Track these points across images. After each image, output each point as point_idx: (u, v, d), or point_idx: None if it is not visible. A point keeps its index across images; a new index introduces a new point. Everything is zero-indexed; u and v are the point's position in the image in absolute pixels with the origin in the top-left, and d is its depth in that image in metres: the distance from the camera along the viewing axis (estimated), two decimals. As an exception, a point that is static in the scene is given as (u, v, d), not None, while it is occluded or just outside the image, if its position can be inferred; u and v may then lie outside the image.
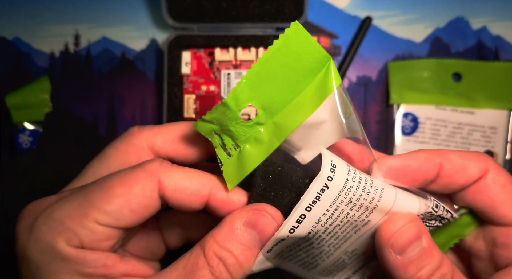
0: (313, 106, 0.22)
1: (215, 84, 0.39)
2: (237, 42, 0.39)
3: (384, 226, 0.22)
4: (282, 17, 0.39)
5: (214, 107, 0.21)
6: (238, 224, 0.22)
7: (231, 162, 0.22)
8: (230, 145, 0.22)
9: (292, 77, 0.21)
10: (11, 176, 0.41)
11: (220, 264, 0.21)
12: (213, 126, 0.22)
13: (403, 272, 0.21)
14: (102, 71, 0.42)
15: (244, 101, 0.21)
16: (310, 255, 0.24)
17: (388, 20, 0.42)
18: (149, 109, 0.42)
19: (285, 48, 0.21)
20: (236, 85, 0.21)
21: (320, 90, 0.22)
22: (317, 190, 0.21)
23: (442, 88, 0.40)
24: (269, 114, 0.22)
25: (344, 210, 0.22)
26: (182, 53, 0.39)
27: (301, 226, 0.22)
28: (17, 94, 0.40)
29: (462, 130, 0.40)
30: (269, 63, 0.21)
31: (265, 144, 0.22)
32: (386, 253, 0.22)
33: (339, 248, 0.24)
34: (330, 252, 0.24)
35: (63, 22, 0.43)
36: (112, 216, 0.21)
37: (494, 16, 0.42)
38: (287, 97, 0.22)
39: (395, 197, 0.22)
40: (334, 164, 0.21)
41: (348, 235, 0.23)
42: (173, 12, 0.39)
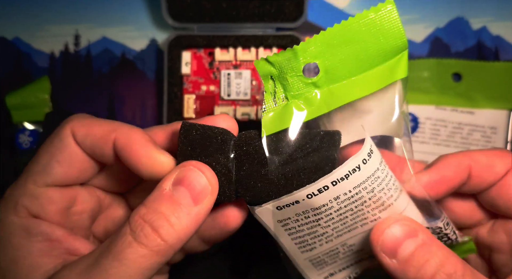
0: (374, 87, 0.22)
1: (215, 84, 0.39)
2: (237, 42, 0.39)
3: (374, 229, 0.21)
4: (282, 17, 0.39)
5: (282, 51, 0.21)
6: (167, 184, 0.21)
7: (274, 110, 0.22)
8: (280, 95, 0.22)
9: (366, 52, 0.21)
10: (11, 176, 0.41)
11: (146, 228, 0.20)
12: (273, 70, 0.21)
13: (403, 275, 0.20)
14: (102, 71, 0.42)
15: (312, 56, 0.21)
16: (312, 234, 0.23)
17: (388, 20, 0.42)
18: (149, 109, 0.42)
19: (372, 21, 0.21)
20: (311, 38, 0.21)
21: (387, 75, 0.22)
22: (349, 168, 0.21)
23: (442, 88, 0.41)
24: (329, 80, 0.22)
25: (363, 197, 0.21)
26: (182, 53, 0.39)
27: (320, 196, 0.21)
28: (17, 94, 0.40)
29: (462, 130, 0.40)
30: (351, 29, 0.21)
31: (312, 106, 0.22)
32: (380, 258, 0.21)
33: (341, 236, 0.23)
34: (331, 238, 0.23)
35: (63, 22, 0.43)
36: (44, 173, 0.22)
37: (494, 16, 0.42)
38: (353, 70, 0.22)
39: (407, 204, 0.22)
40: (372, 150, 0.21)
41: (354, 225, 0.23)
42: (173, 12, 0.39)
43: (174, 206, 0.20)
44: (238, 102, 0.39)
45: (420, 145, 0.40)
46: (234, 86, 0.39)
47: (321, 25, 0.42)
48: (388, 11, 0.21)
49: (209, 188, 0.21)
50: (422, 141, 0.40)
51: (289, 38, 0.39)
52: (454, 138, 0.40)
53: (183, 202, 0.20)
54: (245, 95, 0.39)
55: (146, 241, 0.20)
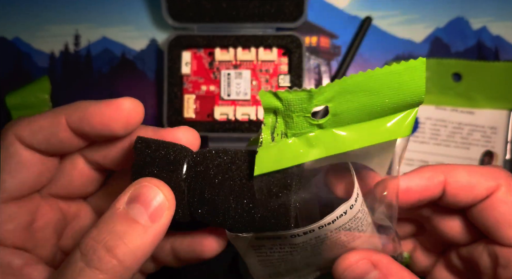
0: (377, 139, 0.21)
1: (215, 84, 0.39)
2: (237, 42, 0.39)
3: (339, 261, 0.23)
4: (282, 17, 0.39)
5: (295, 90, 0.20)
6: (121, 203, 0.20)
7: (270, 147, 0.21)
8: (279, 131, 0.21)
9: (380, 103, 0.21)
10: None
11: (99, 250, 0.18)
12: (279, 105, 0.20)
13: None
14: (102, 71, 0.42)
15: (326, 99, 0.20)
16: (280, 258, 0.24)
17: (388, 20, 0.42)
18: (149, 109, 0.42)
19: (397, 75, 0.20)
20: (330, 82, 0.20)
21: (393, 129, 0.21)
22: (337, 214, 0.21)
23: (442, 88, 0.41)
24: (335, 123, 0.21)
25: (340, 234, 0.22)
26: (182, 53, 0.39)
27: (303, 236, 0.22)
28: (17, 94, 0.40)
29: (462, 130, 0.40)
30: (373, 79, 0.20)
31: (311, 147, 0.21)
32: None
33: (306, 259, 0.24)
34: (296, 261, 0.24)
35: (63, 22, 0.43)
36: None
37: (494, 16, 0.42)
38: (362, 117, 0.21)
39: (371, 231, 0.23)
40: (358, 193, 0.22)
41: (322, 252, 0.24)
42: (173, 12, 0.39)
43: (130, 224, 0.19)
44: (238, 102, 0.39)
45: (420, 145, 0.40)
46: (234, 86, 0.39)
47: (321, 25, 0.42)
48: (417, 69, 0.20)
49: (166, 204, 0.20)
50: (422, 141, 0.40)
51: (289, 38, 0.39)
52: (454, 138, 0.40)
53: (139, 220, 0.19)
54: (245, 95, 0.39)
55: (100, 264, 0.18)
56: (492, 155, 0.40)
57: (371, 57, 0.42)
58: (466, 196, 0.23)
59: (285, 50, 0.39)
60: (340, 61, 0.41)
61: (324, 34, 0.42)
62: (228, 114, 0.39)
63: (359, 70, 0.41)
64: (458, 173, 0.23)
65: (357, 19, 0.42)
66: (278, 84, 0.39)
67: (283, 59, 0.39)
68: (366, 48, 0.42)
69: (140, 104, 0.22)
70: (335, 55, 0.42)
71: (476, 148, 0.40)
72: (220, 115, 0.39)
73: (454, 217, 0.25)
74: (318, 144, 0.21)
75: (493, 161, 0.39)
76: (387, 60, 0.41)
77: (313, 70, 0.40)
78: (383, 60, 0.42)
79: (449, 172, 0.23)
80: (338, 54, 0.42)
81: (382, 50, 0.42)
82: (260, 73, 0.39)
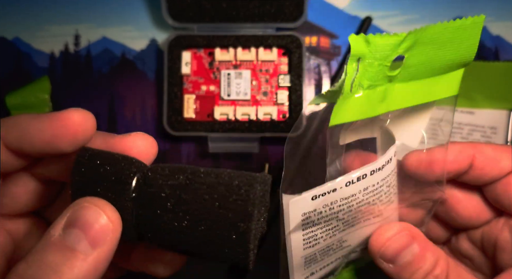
0: (436, 95, 0.22)
1: (215, 84, 0.39)
2: (237, 42, 0.39)
3: (375, 236, 0.23)
4: (282, 17, 0.39)
5: (387, 34, 0.19)
6: (56, 230, 0.17)
7: (348, 97, 0.20)
8: (357, 81, 0.20)
9: (443, 58, 0.21)
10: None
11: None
12: (366, 51, 0.19)
13: (397, 277, 0.23)
14: (102, 71, 0.42)
15: (405, 49, 0.20)
16: (324, 227, 0.23)
17: (388, 20, 0.42)
18: (149, 109, 0.42)
19: (461, 30, 0.20)
20: (410, 30, 0.19)
21: (449, 85, 0.22)
22: (385, 160, 0.22)
23: (442, 88, 0.41)
24: (403, 77, 0.21)
25: (382, 190, 0.23)
26: (182, 53, 0.39)
27: (356, 184, 0.22)
28: (17, 94, 0.40)
29: (462, 130, 0.40)
30: (442, 32, 0.20)
31: (380, 102, 0.21)
32: (378, 262, 0.23)
33: (344, 231, 0.24)
34: (336, 231, 0.24)
35: (63, 22, 0.43)
36: None
37: (494, 16, 0.42)
38: (426, 72, 0.21)
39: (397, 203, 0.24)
40: (395, 151, 0.23)
41: (359, 220, 0.23)
42: (173, 12, 0.39)
43: (65, 253, 0.16)
44: (238, 102, 0.39)
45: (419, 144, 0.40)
46: (234, 86, 0.39)
47: (321, 25, 0.42)
48: (476, 26, 0.20)
49: (110, 226, 0.17)
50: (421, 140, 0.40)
51: (289, 38, 0.39)
52: (454, 139, 0.40)
53: (77, 247, 0.17)
54: (245, 95, 0.39)
55: None
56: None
57: (371, 57, 0.42)
58: (492, 169, 0.24)
59: (285, 50, 0.39)
60: (340, 61, 0.41)
61: (324, 34, 0.42)
62: (228, 114, 0.39)
63: (359, 70, 0.42)
64: (485, 148, 0.24)
65: (357, 19, 0.42)
66: (278, 84, 0.39)
67: (283, 59, 0.39)
68: (366, 48, 0.42)
69: (90, 116, 0.19)
70: (335, 55, 0.42)
71: (476, 147, 0.40)
72: (220, 115, 0.39)
73: (471, 197, 0.26)
74: (384, 98, 0.21)
75: (493, 161, 0.40)
76: (387, 60, 0.42)
77: (313, 70, 0.40)
78: (383, 60, 0.42)
79: (476, 147, 0.24)
80: (338, 54, 0.42)
81: (382, 50, 0.42)
82: (260, 73, 0.39)
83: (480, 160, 0.24)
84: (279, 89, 0.39)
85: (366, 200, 0.23)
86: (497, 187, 0.24)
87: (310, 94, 0.39)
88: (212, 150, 0.38)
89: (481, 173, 0.24)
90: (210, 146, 0.38)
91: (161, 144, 0.41)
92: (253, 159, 0.41)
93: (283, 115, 0.39)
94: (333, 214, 0.23)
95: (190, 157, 0.41)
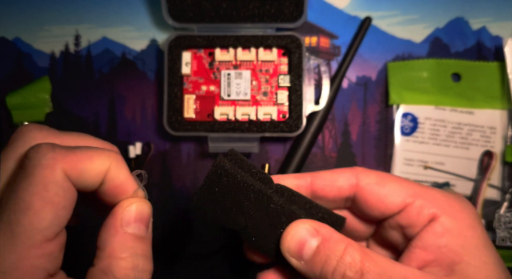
0: None
1: (215, 85, 0.40)
2: (237, 42, 0.39)
3: (281, 238, 0.24)
4: (282, 17, 0.39)
5: None
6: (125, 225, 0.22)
7: None
8: None
9: None
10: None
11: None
12: None
13: (312, 273, 0.23)
14: (103, 72, 0.42)
15: None
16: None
17: (387, 21, 0.42)
18: (149, 109, 0.42)
19: None
20: None
21: None
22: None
23: (442, 88, 0.41)
24: None
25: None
26: (182, 54, 0.39)
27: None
28: (17, 95, 0.40)
29: (462, 130, 0.40)
30: None
31: None
32: (290, 262, 0.23)
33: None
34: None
35: (63, 23, 0.43)
36: (50, 226, 0.20)
37: (493, 17, 0.42)
38: None
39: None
40: None
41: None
42: (173, 12, 0.39)
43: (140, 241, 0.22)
44: (238, 103, 0.39)
45: (419, 145, 0.40)
46: (234, 86, 0.39)
47: (321, 26, 0.42)
48: None
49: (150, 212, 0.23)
50: (421, 141, 0.40)
51: (289, 38, 0.39)
52: (453, 138, 0.40)
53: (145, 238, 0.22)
54: (245, 95, 0.39)
55: None
56: (491, 155, 0.40)
57: (370, 57, 0.42)
58: (331, 189, 0.27)
59: (285, 51, 0.39)
60: (340, 61, 0.42)
61: (324, 34, 0.42)
62: (228, 114, 0.39)
63: (359, 70, 0.42)
64: (322, 173, 0.27)
65: (357, 19, 0.42)
66: (278, 84, 0.39)
67: (283, 59, 0.40)
68: (366, 48, 0.42)
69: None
70: (335, 55, 0.42)
71: (476, 147, 0.40)
72: (220, 115, 0.39)
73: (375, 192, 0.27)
74: None
75: (492, 161, 0.40)
76: (386, 61, 0.42)
77: (313, 70, 0.40)
78: (382, 61, 0.42)
79: (315, 173, 0.27)
80: (338, 54, 0.42)
81: (381, 50, 0.42)
82: (260, 73, 0.39)
83: (318, 183, 0.26)
84: (279, 90, 0.39)
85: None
86: (355, 203, 0.26)
87: (310, 94, 0.39)
88: (212, 150, 0.38)
89: (323, 194, 0.26)
90: (210, 146, 0.38)
91: (161, 144, 0.41)
92: (253, 159, 0.41)
93: (283, 115, 0.39)
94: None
95: (190, 156, 0.41)
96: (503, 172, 0.40)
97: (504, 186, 0.40)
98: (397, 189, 0.24)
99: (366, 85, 0.42)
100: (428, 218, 0.24)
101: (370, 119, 0.41)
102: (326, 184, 0.26)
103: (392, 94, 0.41)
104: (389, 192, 0.24)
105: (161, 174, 0.41)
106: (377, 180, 0.25)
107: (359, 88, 0.42)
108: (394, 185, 0.25)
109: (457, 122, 0.40)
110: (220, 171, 0.24)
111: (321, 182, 0.26)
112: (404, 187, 0.25)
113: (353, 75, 0.42)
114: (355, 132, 0.41)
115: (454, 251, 0.22)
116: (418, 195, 0.24)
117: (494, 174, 0.40)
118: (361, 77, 0.42)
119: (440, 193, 0.24)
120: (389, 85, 0.41)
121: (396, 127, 0.40)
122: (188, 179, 0.41)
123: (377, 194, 0.25)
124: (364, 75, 0.42)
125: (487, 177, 0.39)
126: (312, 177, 0.26)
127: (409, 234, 0.24)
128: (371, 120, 0.41)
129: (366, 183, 0.25)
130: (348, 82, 0.42)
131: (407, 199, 0.24)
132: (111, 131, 0.42)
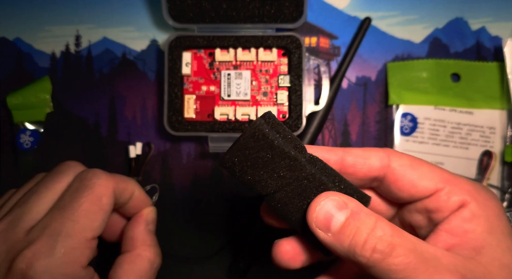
0: None
1: (215, 85, 0.40)
2: (237, 42, 0.39)
3: (308, 209, 0.23)
4: (282, 17, 0.39)
5: None
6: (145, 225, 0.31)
7: None
8: None
9: None
10: (12, 176, 0.41)
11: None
12: None
13: (339, 246, 0.22)
14: (103, 72, 0.42)
15: None
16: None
17: (387, 21, 0.42)
18: (149, 109, 0.42)
19: None
20: None
21: None
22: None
23: (441, 88, 0.41)
24: None
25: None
26: (182, 54, 0.39)
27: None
28: (18, 95, 0.41)
29: (461, 130, 0.41)
30: None
31: None
32: (317, 234, 0.23)
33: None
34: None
35: (64, 23, 0.43)
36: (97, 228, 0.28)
37: (493, 17, 0.42)
38: None
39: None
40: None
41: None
42: (173, 13, 0.39)
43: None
44: (238, 103, 0.39)
45: (419, 145, 0.40)
46: (234, 87, 0.39)
47: (321, 26, 0.42)
48: None
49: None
50: (421, 141, 0.41)
51: (289, 38, 0.39)
52: (453, 138, 0.41)
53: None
54: (245, 95, 0.39)
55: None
56: (491, 155, 0.40)
57: (370, 58, 0.42)
58: (362, 167, 0.26)
59: (285, 51, 0.40)
60: (340, 61, 0.42)
61: (324, 34, 0.42)
62: (228, 115, 0.39)
63: (358, 70, 0.42)
64: (353, 150, 0.26)
65: (357, 19, 0.42)
66: (278, 84, 0.39)
67: (283, 59, 0.40)
68: (366, 49, 0.42)
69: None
70: (335, 55, 0.42)
71: (475, 147, 0.40)
72: (220, 115, 0.39)
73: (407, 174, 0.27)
74: None
75: (492, 161, 0.40)
76: (386, 61, 0.42)
77: (313, 70, 0.40)
78: (382, 61, 0.42)
79: (346, 150, 0.26)
80: (338, 55, 0.42)
81: (381, 50, 0.42)
82: (260, 74, 0.40)
83: (349, 160, 0.26)
84: (279, 90, 0.39)
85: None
86: (389, 186, 0.26)
87: (309, 94, 0.39)
88: (212, 149, 0.39)
89: (353, 171, 0.26)
90: (210, 146, 0.39)
91: (162, 143, 0.41)
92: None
93: (283, 115, 0.39)
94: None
95: (190, 156, 0.41)
96: (503, 171, 0.40)
97: (503, 185, 0.40)
98: (430, 174, 0.25)
99: (366, 85, 0.42)
100: (458, 204, 0.24)
101: (369, 120, 0.41)
102: (358, 161, 0.26)
103: (392, 94, 0.41)
104: (421, 176, 0.25)
105: (161, 174, 0.41)
106: (411, 162, 0.25)
107: (359, 89, 0.42)
108: (427, 170, 0.25)
109: (457, 122, 0.41)
110: (258, 133, 0.22)
111: (353, 159, 0.26)
112: (436, 172, 0.25)
113: (353, 76, 0.42)
114: (355, 132, 0.41)
115: (481, 235, 0.23)
116: (449, 181, 0.24)
117: (494, 174, 0.40)
118: (361, 78, 0.42)
119: (469, 182, 0.25)
120: (388, 86, 0.41)
121: (395, 128, 0.41)
122: (188, 179, 0.41)
123: (409, 177, 0.25)
124: (363, 75, 0.42)
125: (487, 177, 0.39)
126: (344, 152, 0.26)
127: (436, 218, 0.25)
128: (370, 121, 0.41)
129: (399, 164, 0.25)
130: (348, 82, 0.42)
131: (438, 184, 0.24)
132: (111, 131, 0.42)
